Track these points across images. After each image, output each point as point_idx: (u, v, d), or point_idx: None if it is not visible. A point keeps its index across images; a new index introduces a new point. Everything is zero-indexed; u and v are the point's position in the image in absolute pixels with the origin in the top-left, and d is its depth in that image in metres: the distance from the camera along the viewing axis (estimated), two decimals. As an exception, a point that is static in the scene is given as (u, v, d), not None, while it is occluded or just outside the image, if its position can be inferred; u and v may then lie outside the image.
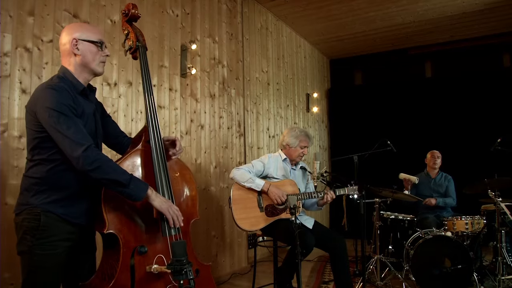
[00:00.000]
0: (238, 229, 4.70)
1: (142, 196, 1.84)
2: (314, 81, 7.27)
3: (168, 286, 1.90)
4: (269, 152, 5.64)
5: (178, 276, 1.66)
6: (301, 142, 3.43)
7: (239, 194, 3.21)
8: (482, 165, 5.43)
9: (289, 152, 3.45)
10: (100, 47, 1.95)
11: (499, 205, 3.73)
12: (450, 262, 3.67)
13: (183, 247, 1.71)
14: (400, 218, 4.37)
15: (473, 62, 6.86)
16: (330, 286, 4.17)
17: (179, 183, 2.13)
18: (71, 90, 1.85)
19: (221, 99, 4.60)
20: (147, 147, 2.02)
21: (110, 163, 1.81)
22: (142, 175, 1.98)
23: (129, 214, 1.90)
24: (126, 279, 1.83)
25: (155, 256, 1.90)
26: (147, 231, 1.94)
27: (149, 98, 2.09)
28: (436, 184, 4.89)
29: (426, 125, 6.66)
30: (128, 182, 1.79)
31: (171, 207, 1.93)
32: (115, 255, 1.88)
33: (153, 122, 2.05)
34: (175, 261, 1.67)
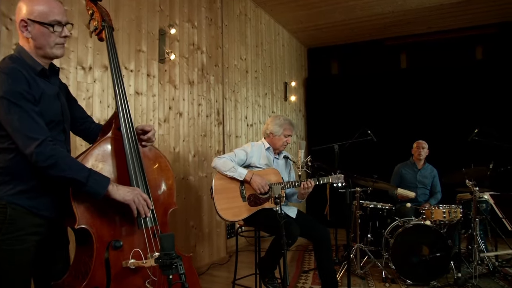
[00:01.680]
0: (216, 219, 4.66)
1: (102, 193, 1.70)
2: (292, 70, 7.21)
3: (147, 281, 1.81)
4: (247, 141, 5.56)
5: (167, 271, 1.57)
6: (285, 130, 3.36)
7: (221, 184, 3.13)
8: (458, 155, 5.53)
9: (273, 141, 3.38)
10: (54, 28, 1.72)
11: (476, 194, 3.81)
12: (428, 250, 3.72)
13: (171, 240, 1.61)
14: (379, 207, 4.40)
15: (447, 54, 6.96)
16: (310, 275, 4.17)
17: (154, 172, 2.02)
18: (27, 71, 1.66)
19: (200, 86, 4.47)
20: (118, 135, 1.89)
21: (67, 159, 1.66)
22: (114, 165, 1.85)
23: (101, 207, 1.77)
24: (102, 276, 1.72)
25: (131, 251, 1.80)
26: (121, 224, 1.83)
27: (117, 82, 1.94)
28: (422, 175, 4.92)
29: (403, 115, 6.73)
30: (86, 180, 1.65)
31: (137, 196, 1.78)
32: (88, 251, 1.76)
33: (123, 107, 1.92)
34: (164, 255, 1.58)
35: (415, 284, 3.70)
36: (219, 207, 3.06)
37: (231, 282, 3.47)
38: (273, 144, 3.38)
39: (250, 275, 3.59)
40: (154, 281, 1.82)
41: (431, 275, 3.71)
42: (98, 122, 3.10)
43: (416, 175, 4.92)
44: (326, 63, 7.95)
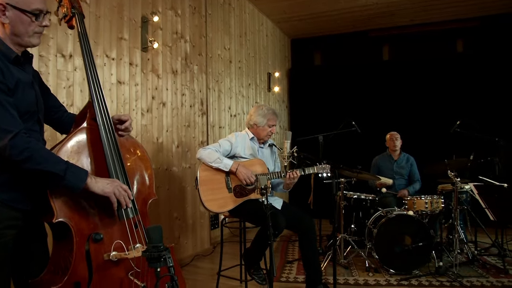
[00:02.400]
0: (200, 210, 4.63)
1: (81, 186, 1.64)
2: (275, 61, 7.17)
3: (129, 272, 1.77)
4: (231, 131, 5.52)
5: (154, 264, 1.53)
6: (269, 120, 3.33)
7: (206, 175, 3.09)
8: (441, 146, 5.61)
9: (257, 131, 3.35)
10: (35, 17, 1.65)
11: (458, 184, 3.87)
12: (411, 240, 3.78)
13: (159, 232, 1.58)
14: (363, 197, 4.43)
15: (429, 46, 7.03)
16: (294, 265, 4.19)
17: (132, 162, 1.97)
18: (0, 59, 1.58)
19: (184, 76, 4.40)
20: (94, 125, 1.82)
21: (43, 152, 1.60)
22: (91, 156, 1.79)
23: (80, 199, 1.72)
24: (83, 270, 1.68)
25: (112, 243, 1.76)
26: (101, 216, 1.77)
27: (90, 71, 1.87)
28: (398, 166, 4.99)
29: (385, 107, 6.78)
30: (64, 173, 1.58)
31: (117, 188, 1.73)
32: (67, 245, 1.70)
33: (97, 96, 1.85)
34: (152, 247, 1.54)
35: (397, 273, 3.75)
36: (204, 199, 3.03)
37: (216, 273, 3.45)
38: (257, 135, 3.35)
39: (235, 266, 3.58)
40: (137, 273, 1.78)
41: (413, 264, 3.78)
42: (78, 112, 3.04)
43: (393, 167, 4.99)
44: (309, 54, 7.94)
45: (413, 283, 3.55)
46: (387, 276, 3.73)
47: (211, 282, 3.57)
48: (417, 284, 3.52)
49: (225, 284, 3.52)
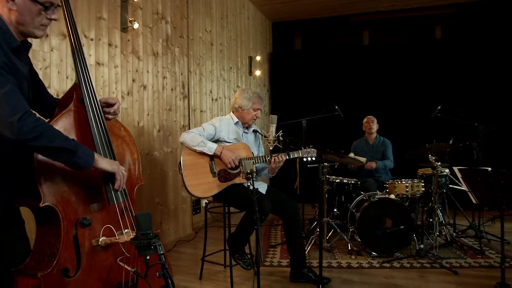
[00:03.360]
0: (182, 195, 4.57)
1: (91, 162, 1.60)
2: (256, 44, 7.08)
3: (119, 258, 1.72)
4: (212, 116, 5.44)
5: (144, 252, 1.48)
6: (254, 104, 3.29)
7: (190, 159, 3.03)
8: (421, 131, 5.67)
9: (242, 115, 3.30)
10: (45, 9, 1.57)
11: (438, 168, 3.94)
12: (393, 223, 3.83)
13: (148, 219, 1.52)
14: (345, 182, 4.46)
15: (408, 32, 7.08)
16: (278, 249, 4.20)
17: (119, 146, 1.91)
18: (2, 43, 1.49)
19: (165, 58, 4.28)
20: (81, 107, 1.75)
21: (53, 130, 1.53)
22: (78, 139, 1.71)
23: (68, 182, 1.65)
24: (71, 256, 1.62)
25: (101, 228, 1.70)
26: (89, 200, 1.71)
27: (77, 49, 1.78)
28: (374, 150, 5.06)
29: (366, 91, 6.80)
30: (76, 149, 1.54)
31: (120, 168, 1.74)
32: (54, 231, 1.63)
33: (85, 77, 1.77)
34: (141, 234, 1.49)
35: (379, 255, 3.81)
36: (188, 184, 2.97)
37: (200, 259, 3.42)
38: (242, 118, 3.30)
39: (219, 251, 3.55)
40: (127, 258, 1.73)
41: (395, 247, 3.84)
42: (56, 95, 2.91)
43: (369, 151, 5.05)
44: (290, 38, 7.87)
45: (395, 265, 3.62)
46: (369, 259, 3.78)
47: (195, 268, 3.54)
48: (399, 266, 3.59)
49: (209, 270, 3.50)
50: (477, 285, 3.13)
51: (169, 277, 1.42)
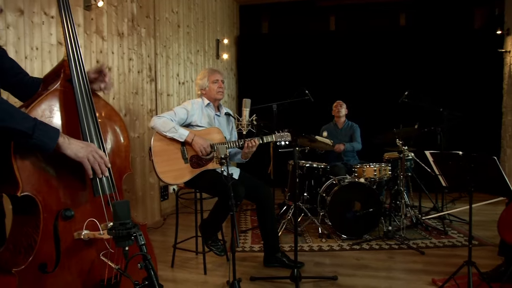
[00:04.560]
0: (150, 181, 4.45)
1: (52, 146, 1.45)
2: (224, 27, 6.93)
3: (102, 253, 1.62)
4: (179, 100, 5.31)
5: (122, 243, 1.40)
6: (210, 77, 3.22)
7: (161, 145, 2.92)
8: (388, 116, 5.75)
9: (208, 94, 3.23)
10: None
11: (406, 152, 4.03)
12: (362, 206, 3.90)
13: (126, 207, 1.43)
14: (315, 166, 4.49)
15: (373, 19, 7.16)
16: (249, 234, 4.19)
17: (108, 131, 1.79)
18: None
19: (131, 39, 4.10)
20: (68, 87, 1.62)
21: (6, 106, 1.39)
22: (63, 123, 1.59)
23: (50, 169, 1.52)
24: (50, 249, 1.50)
25: (85, 220, 1.59)
26: (73, 190, 1.59)
27: (67, 22, 1.65)
28: (342, 133, 5.12)
29: (334, 77, 6.81)
30: (32, 131, 1.39)
31: (92, 153, 1.55)
32: (32, 222, 1.51)
33: (75, 54, 1.64)
34: (119, 224, 1.40)
35: (349, 238, 3.88)
36: (159, 170, 2.88)
37: (172, 246, 3.35)
38: (210, 97, 3.22)
39: (191, 238, 3.49)
40: (110, 254, 1.63)
41: (364, 229, 3.92)
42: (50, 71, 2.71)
43: (338, 135, 5.10)
44: (257, 22, 7.77)
45: (365, 247, 3.69)
46: (339, 242, 3.84)
47: (166, 256, 3.46)
48: (368, 248, 3.67)
49: (181, 257, 3.44)
50: (443, 264, 3.25)
51: (152, 268, 1.35)
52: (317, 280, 2.97)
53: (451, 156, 2.50)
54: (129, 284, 1.48)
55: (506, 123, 5.97)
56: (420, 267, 3.20)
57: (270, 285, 2.92)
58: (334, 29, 7.47)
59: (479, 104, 6.13)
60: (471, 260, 2.54)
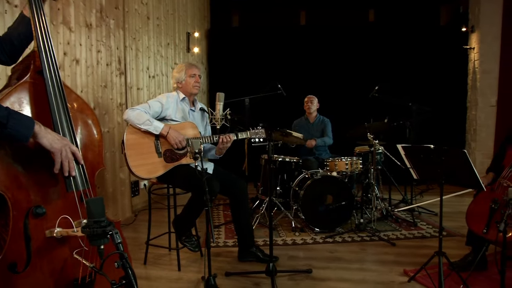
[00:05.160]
0: (120, 177, 4.34)
1: (28, 135, 1.39)
2: (194, 20, 6.83)
3: (75, 251, 1.56)
4: (149, 94, 5.20)
5: (97, 241, 1.34)
6: (187, 71, 3.17)
7: (134, 138, 2.85)
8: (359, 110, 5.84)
9: (184, 88, 3.18)
10: None
11: (376, 146, 4.11)
12: (335, 200, 3.95)
13: (101, 204, 1.39)
14: (287, 160, 4.50)
15: (343, 14, 7.21)
16: (222, 229, 4.16)
17: (80, 125, 1.72)
18: None
19: (99, 31, 3.96)
20: (39, 80, 1.55)
21: None
22: (34, 117, 1.50)
23: (19, 165, 1.45)
24: (20, 248, 1.43)
25: (57, 218, 1.53)
26: (44, 186, 1.52)
27: (37, 12, 1.57)
28: (314, 128, 5.15)
29: (305, 71, 6.84)
30: (6, 120, 1.33)
31: (66, 147, 1.50)
32: (1, 220, 1.45)
33: (46, 45, 1.57)
34: (93, 222, 1.35)
35: (322, 231, 3.93)
36: (132, 164, 2.81)
37: (144, 243, 3.28)
38: (185, 91, 3.17)
39: (164, 234, 3.43)
40: (84, 252, 1.57)
41: (336, 222, 3.97)
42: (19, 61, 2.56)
43: (309, 129, 5.14)
44: (228, 15, 7.69)
45: (337, 239, 3.74)
46: (312, 235, 3.88)
47: (138, 253, 3.39)
48: (341, 241, 3.72)
49: (154, 254, 3.38)
50: (413, 254, 3.34)
51: (129, 267, 1.31)
52: (292, 274, 2.99)
53: (422, 149, 2.55)
54: (104, 283, 1.44)
55: (470, 118, 6.18)
56: (392, 258, 3.27)
57: (245, 280, 2.92)
58: (304, 24, 7.48)
59: (445, 99, 6.31)
60: (442, 250, 2.61)
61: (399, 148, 2.72)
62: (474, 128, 5.97)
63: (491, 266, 2.94)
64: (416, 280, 2.79)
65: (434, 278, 2.65)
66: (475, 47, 5.94)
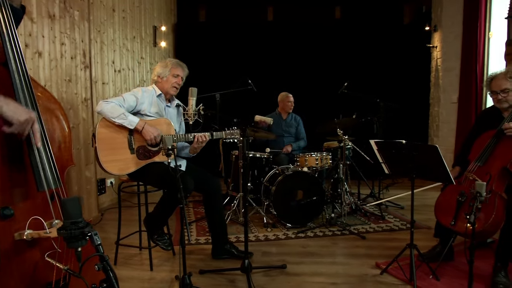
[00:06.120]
0: (86, 175, 4.19)
1: None
2: (161, 13, 6.67)
3: (47, 253, 1.48)
4: (115, 89, 5.05)
5: (75, 243, 1.28)
6: (172, 70, 3.09)
7: (106, 132, 2.74)
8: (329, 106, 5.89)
9: (162, 85, 3.08)
10: None
11: (346, 142, 4.17)
12: (306, 195, 3.98)
13: (78, 204, 1.32)
14: (258, 156, 4.50)
15: (310, 11, 7.26)
16: (193, 227, 4.11)
17: (49, 121, 1.63)
18: None
19: (63, 22, 3.79)
20: (3, 72, 1.47)
21: None
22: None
23: None
24: None
25: (27, 219, 1.44)
26: (13, 185, 1.44)
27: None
28: (287, 124, 5.17)
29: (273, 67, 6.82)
30: None
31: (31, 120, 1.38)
32: None
33: (10, 36, 1.48)
34: (70, 223, 1.28)
35: (294, 226, 3.95)
36: (103, 159, 2.70)
37: (114, 243, 3.18)
38: (163, 88, 3.08)
39: (134, 233, 3.34)
40: (57, 254, 1.49)
41: (307, 217, 4.00)
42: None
43: (282, 125, 5.15)
44: (194, 9, 7.57)
45: (309, 234, 3.78)
46: (284, 230, 3.89)
47: (108, 253, 3.22)
48: (312, 235, 3.75)
49: (124, 253, 3.29)
50: (383, 247, 3.42)
51: (111, 270, 1.25)
52: (267, 270, 2.99)
53: (394, 144, 2.60)
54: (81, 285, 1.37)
55: (433, 114, 6.40)
56: (363, 252, 3.33)
57: (220, 277, 2.89)
58: (272, 20, 7.48)
59: (410, 96, 6.49)
60: (413, 242, 2.68)
61: (372, 143, 2.76)
62: (437, 124, 6.18)
63: (457, 256, 3.06)
64: (388, 272, 2.85)
65: (405, 270, 2.72)
66: (438, 46, 6.14)
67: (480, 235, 2.50)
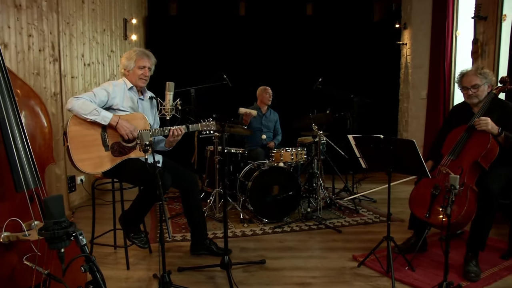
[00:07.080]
0: (56, 172, 4.06)
1: None
2: (131, 6, 6.50)
3: (25, 257, 1.41)
4: (85, 83, 4.88)
5: (57, 244, 1.23)
6: (138, 61, 2.98)
7: (78, 130, 2.64)
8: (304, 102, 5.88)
9: (130, 78, 2.99)
10: None
11: (321, 137, 4.21)
12: (282, 190, 3.99)
13: (60, 203, 1.27)
14: (233, 151, 4.47)
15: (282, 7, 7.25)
16: (169, 223, 4.04)
17: (28, 117, 1.56)
18: None
19: (30, 12, 3.62)
20: None
21: None
22: None
23: None
24: None
25: (4, 221, 1.38)
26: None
27: None
28: (266, 119, 5.16)
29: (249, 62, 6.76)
30: None
31: None
32: None
33: None
34: (53, 223, 1.23)
35: (270, 221, 3.96)
36: (76, 158, 2.60)
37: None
38: (131, 81, 2.99)
39: (109, 231, 3.26)
40: (40, 258, 1.42)
41: (284, 212, 4.02)
42: None
43: (261, 120, 5.15)
44: (165, 2, 7.42)
45: (286, 229, 3.80)
46: (261, 226, 3.89)
47: (81, 252, 3.18)
48: (289, 230, 3.78)
49: (99, 253, 3.20)
50: (359, 240, 3.48)
51: (98, 271, 1.21)
52: (246, 266, 2.98)
53: (372, 139, 2.65)
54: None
55: (402, 110, 6.56)
56: (340, 245, 3.38)
57: (199, 274, 2.86)
58: (244, 15, 7.44)
59: (381, 92, 6.61)
60: (390, 235, 2.74)
61: (350, 138, 2.80)
62: (406, 120, 6.35)
63: (430, 247, 3.15)
64: (365, 265, 2.90)
65: (382, 262, 2.78)
66: (407, 43, 6.29)
67: (453, 226, 2.58)
